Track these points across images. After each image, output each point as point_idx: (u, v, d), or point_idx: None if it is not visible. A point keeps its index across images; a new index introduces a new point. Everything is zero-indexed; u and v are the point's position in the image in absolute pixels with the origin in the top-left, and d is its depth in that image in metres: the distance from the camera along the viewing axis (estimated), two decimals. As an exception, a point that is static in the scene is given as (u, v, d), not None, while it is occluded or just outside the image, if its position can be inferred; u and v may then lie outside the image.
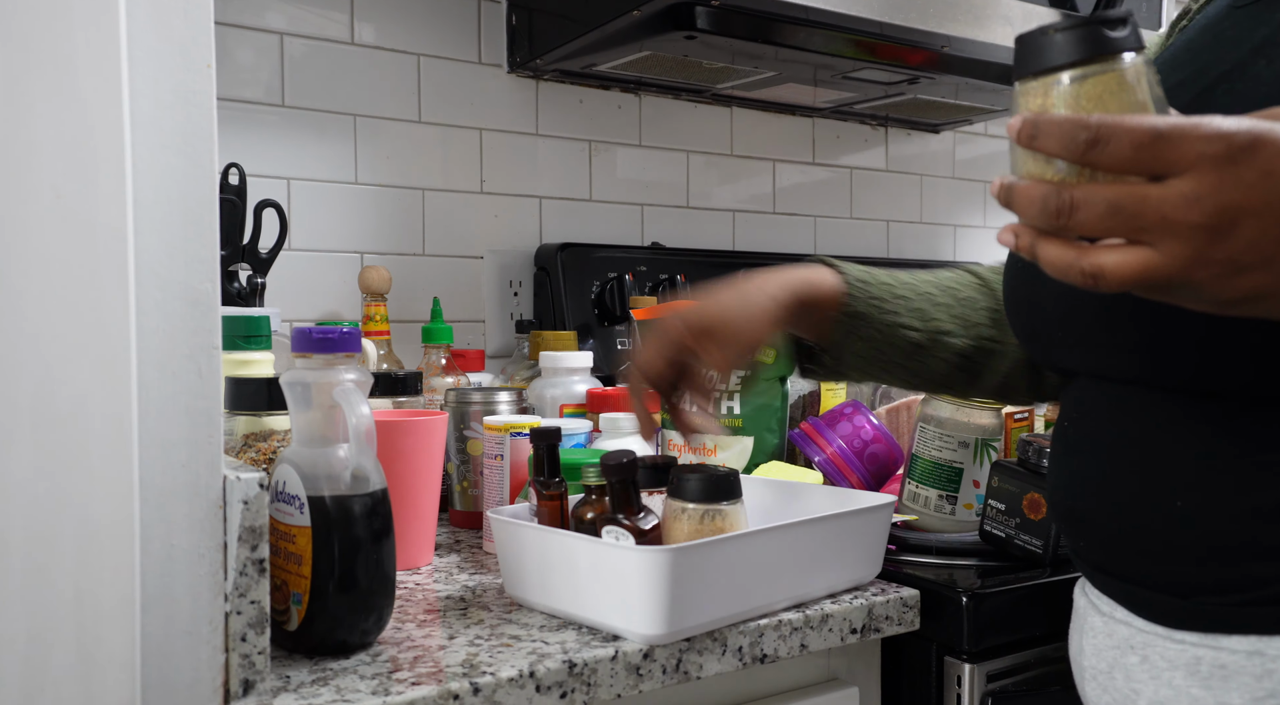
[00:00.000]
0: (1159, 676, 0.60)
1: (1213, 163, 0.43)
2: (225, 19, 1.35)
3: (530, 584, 0.78)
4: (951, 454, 0.98)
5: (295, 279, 1.40)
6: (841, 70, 1.51)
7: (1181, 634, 0.60)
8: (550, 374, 1.18)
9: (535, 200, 1.60)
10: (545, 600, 0.77)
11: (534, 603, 0.79)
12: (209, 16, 0.57)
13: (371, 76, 1.46)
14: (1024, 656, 0.86)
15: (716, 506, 0.75)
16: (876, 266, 0.88)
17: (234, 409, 0.85)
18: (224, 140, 1.30)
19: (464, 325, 1.54)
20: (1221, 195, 0.43)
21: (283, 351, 1.02)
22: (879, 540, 0.85)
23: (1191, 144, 0.43)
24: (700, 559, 0.71)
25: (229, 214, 1.23)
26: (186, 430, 0.57)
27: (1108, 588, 0.66)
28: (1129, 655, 0.63)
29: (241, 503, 0.59)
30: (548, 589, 0.77)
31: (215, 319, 0.58)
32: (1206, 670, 0.58)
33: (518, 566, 0.79)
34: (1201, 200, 0.43)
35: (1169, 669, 0.60)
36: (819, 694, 0.84)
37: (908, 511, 1.00)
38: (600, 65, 1.50)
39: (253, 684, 0.61)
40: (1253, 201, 0.43)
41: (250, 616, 0.60)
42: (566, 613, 0.76)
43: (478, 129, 1.55)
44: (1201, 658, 0.58)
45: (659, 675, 0.71)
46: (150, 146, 0.56)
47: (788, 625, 0.78)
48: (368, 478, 0.70)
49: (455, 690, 0.63)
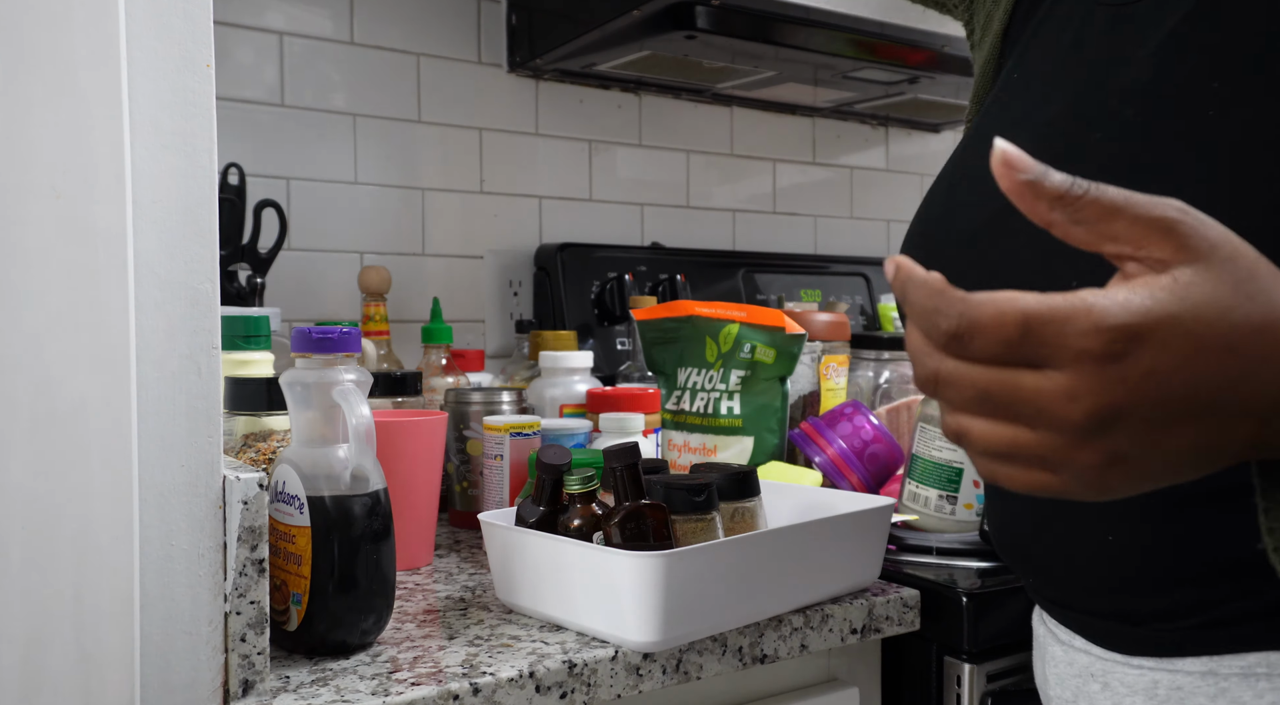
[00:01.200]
0: (1120, 702, 0.61)
1: (1093, 361, 0.39)
2: (225, 19, 1.35)
3: (524, 590, 0.77)
4: (952, 454, 0.98)
5: (295, 279, 1.40)
6: (842, 70, 1.51)
7: (1139, 660, 0.60)
8: (550, 374, 1.18)
9: (535, 200, 1.60)
10: (539, 607, 0.76)
11: (528, 609, 0.77)
12: (209, 16, 0.57)
13: (371, 76, 1.46)
14: (1024, 656, 0.86)
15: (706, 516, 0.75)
16: None
17: (233, 409, 0.85)
18: (224, 140, 1.30)
19: (464, 325, 1.54)
20: (1101, 396, 0.39)
21: (282, 351, 1.02)
22: (879, 543, 0.85)
23: (1067, 339, 0.39)
24: (693, 565, 0.70)
25: (229, 214, 1.23)
26: (186, 430, 0.57)
27: (1064, 619, 0.66)
28: (1090, 683, 0.63)
29: (241, 503, 0.59)
30: (540, 595, 0.75)
31: (215, 319, 0.58)
32: (1164, 693, 0.58)
33: (510, 571, 0.77)
34: (1079, 400, 0.40)
35: (1129, 694, 0.60)
36: (819, 694, 0.84)
37: (908, 511, 1.00)
38: (600, 65, 1.50)
39: (252, 684, 0.61)
40: (1135, 401, 0.40)
41: (250, 616, 0.60)
42: (559, 619, 0.74)
43: (477, 129, 1.55)
44: (1159, 681, 0.58)
45: (659, 675, 0.71)
46: (150, 146, 0.55)
47: (788, 625, 0.78)
48: (367, 478, 0.69)
49: (455, 690, 0.63)
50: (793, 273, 1.70)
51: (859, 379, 1.33)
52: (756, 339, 1.09)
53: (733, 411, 1.10)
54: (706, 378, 1.12)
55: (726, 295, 1.60)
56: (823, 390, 1.22)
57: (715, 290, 1.59)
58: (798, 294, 1.67)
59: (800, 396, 1.19)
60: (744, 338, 1.09)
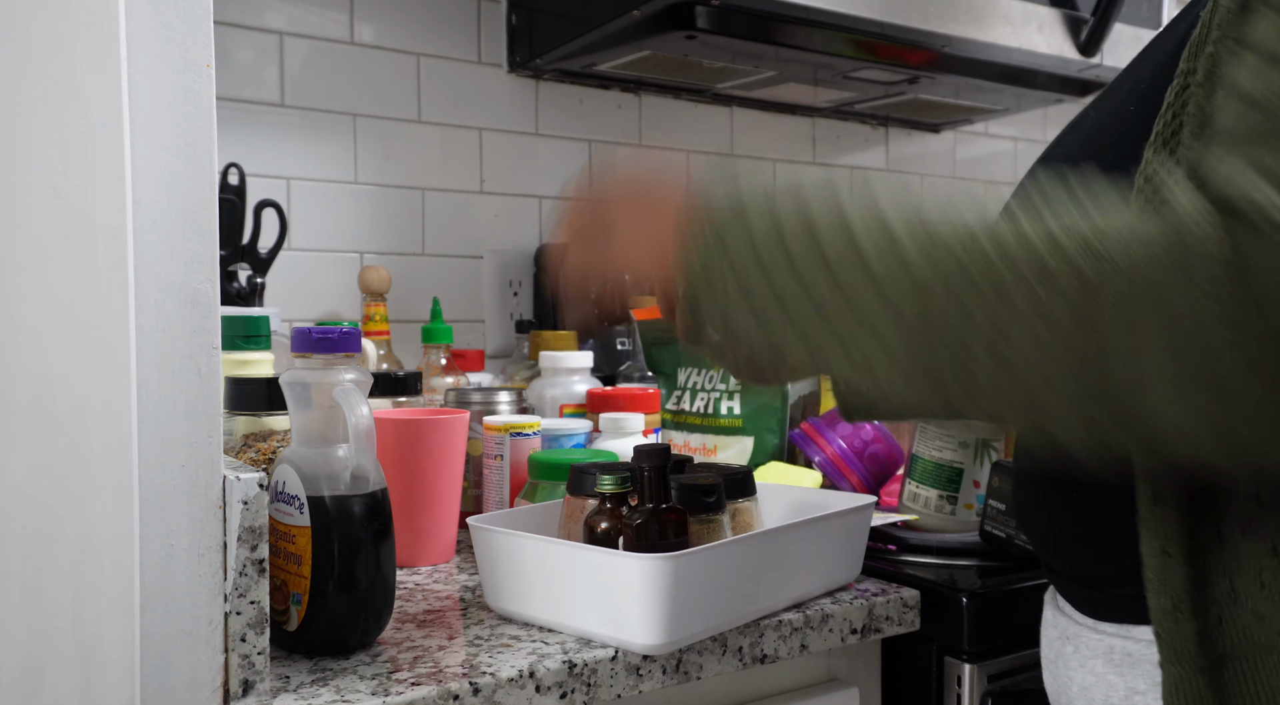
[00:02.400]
0: (1085, 665, 0.65)
1: None
2: (225, 19, 1.35)
3: (518, 596, 0.75)
4: (952, 454, 0.98)
5: (295, 279, 1.40)
6: (842, 70, 1.51)
7: (1103, 625, 0.64)
8: (550, 374, 1.18)
9: (535, 200, 1.60)
10: (534, 612, 0.74)
11: (523, 615, 0.75)
12: (209, 16, 0.57)
13: (371, 76, 1.46)
14: (1024, 656, 0.86)
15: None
16: None
17: (233, 409, 0.85)
18: (224, 140, 1.30)
19: (464, 325, 1.54)
20: None
21: (282, 351, 1.02)
22: (858, 542, 0.85)
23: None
24: (699, 566, 0.69)
25: (229, 214, 1.23)
26: (186, 430, 0.57)
27: (1053, 581, 0.70)
28: (1066, 645, 0.67)
29: (241, 503, 0.59)
30: (536, 600, 0.74)
31: (215, 319, 0.58)
32: (1119, 658, 0.62)
33: (499, 576, 0.76)
34: None
35: (1092, 657, 0.64)
36: (819, 694, 0.84)
37: (908, 511, 1.00)
38: (600, 65, 1.50)
39: (252, 684, 0.61)
40: None
41: (250, 617, 0.60)
42: (557, 624, 0.73)
43: (477, 129, 1.55)
44: (1114, 647, 0.62)
45: (659, 676, 0.71)
46: (150, 146, 0.55)
47: (788, 625, 0.78)
48: (367, 478, 0.69)
49: (455, 690, 0.63)
50: (793, 273, 1.70)
51: (859, 379, 1.33)
52: (756, 339, 1.09)
53: (733, 411, 1.10)
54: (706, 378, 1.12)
55: (726, 295, 1.59)
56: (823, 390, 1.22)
57: (715, 290, 1.59)
58: (798, 294, 1.66)
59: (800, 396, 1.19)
60: (744, 338, 1.09)
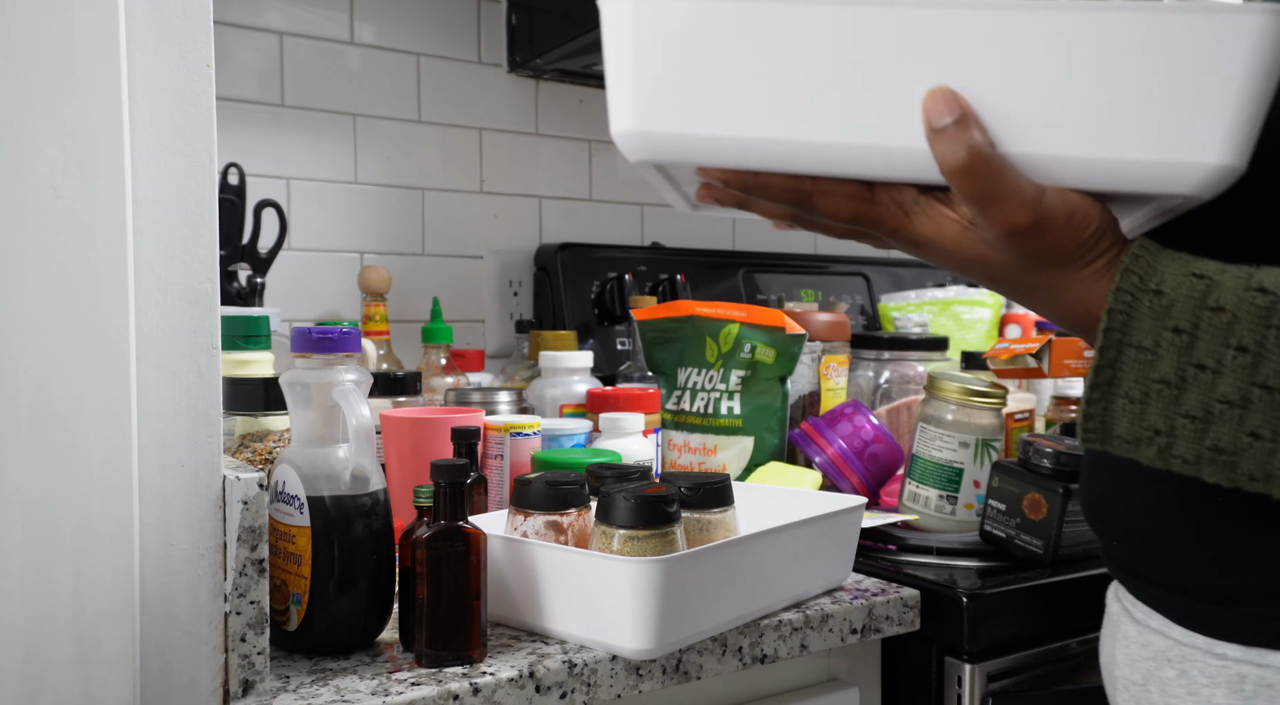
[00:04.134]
0: (1198, 693, 0.56)
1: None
2: (225, 19, 1.35)
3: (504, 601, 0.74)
4: (952, 454, 0.98)
5: (295, 279, 1.40)
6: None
7: (1224, 646, 0.55)
8: (550, 374, 1.18)
9: (535, 200, 1.60)
10: (524, 617, 0.73)
11: (510, 620, 0.74)
12: (208, 16, 0.57)
13: (371, 76, 1.46)
14: (1024, 656, 0.86)
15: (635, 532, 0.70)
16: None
17: (230, 409, 0.85)
18: (224, 140, 1.30)
19: (464, 325, 1.54)
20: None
21: (282, 351, 1.02)
22: (850, 543, 0.85)
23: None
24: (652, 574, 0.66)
25: (228, 214, 1.23)
26: (185, 430, 0.57)
27: (1143, 594, 0.61)
28: (1166, 668, 0.58)
29: (241, 503, 0.59)
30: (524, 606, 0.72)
31: (215, 319, 0.58)
32: (1251, 689, 0.53)
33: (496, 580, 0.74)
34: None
35: (1209, 685, 0.55)
36: (819, 694, 0.84)
37: (908, 511, 1.00)
38: (600, 65, 1.50)
39: (252, 684, 0.61)
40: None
41: (250, 617, 0.60)
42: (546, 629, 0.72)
43: (477, 129, 1.55)
44: (1246, 675, 0.54)
45: (659, 676, 0.71)
46: (149, 146, 0.55)
47: (788, 625, 0.78)
48: (367, 478, 0.69)
49: (455, 690, 0.63)
50: (793, 273, 1.70)
51: (859, 379, 1.33)
52: (757, 339, 1.09)
53: (733, 411, 1.10)
54: (707, 378, 1.12)
55: (726, 295, 1.60)
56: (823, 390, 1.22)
57: (715, 290, 1.59)
58: (798, 294, 1.67)
59: (800, 396, 1.19)
60: (744, 338, 1.09)
